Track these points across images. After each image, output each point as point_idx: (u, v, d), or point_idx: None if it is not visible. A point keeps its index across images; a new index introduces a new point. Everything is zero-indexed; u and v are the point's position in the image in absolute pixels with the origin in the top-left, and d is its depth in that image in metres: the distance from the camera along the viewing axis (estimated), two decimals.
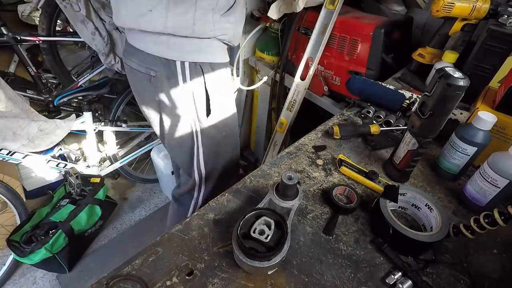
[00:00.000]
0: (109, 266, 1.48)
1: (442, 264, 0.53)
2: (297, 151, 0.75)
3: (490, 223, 0.49)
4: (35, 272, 1.51)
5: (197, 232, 0.56)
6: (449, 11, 0.89)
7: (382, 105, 0.88)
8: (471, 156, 0.63)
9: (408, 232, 0.51)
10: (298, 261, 0.52)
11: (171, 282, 0.48)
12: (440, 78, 0.52)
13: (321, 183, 0.67)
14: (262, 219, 0.48)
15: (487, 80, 0.81)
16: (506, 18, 0.79)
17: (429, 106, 0.55)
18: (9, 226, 1.48)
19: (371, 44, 1.03)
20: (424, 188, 0.68)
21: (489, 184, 0.57)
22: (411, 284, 0.48)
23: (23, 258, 1.34)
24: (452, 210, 0.63)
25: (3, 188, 1.36)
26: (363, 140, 0.80)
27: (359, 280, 0.50)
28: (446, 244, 0.56)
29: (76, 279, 1.49)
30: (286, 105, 1.31)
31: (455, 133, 0.65)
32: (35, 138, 1.16)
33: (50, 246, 1.37)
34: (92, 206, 1.55)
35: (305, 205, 0.62)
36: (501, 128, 0.66)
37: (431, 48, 1.02)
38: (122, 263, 0.50)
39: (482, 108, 0.67)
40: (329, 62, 1.19)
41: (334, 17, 1.06)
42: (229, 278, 0.49)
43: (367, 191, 0.66)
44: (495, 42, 0.79)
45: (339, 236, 0.56)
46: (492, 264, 0.54)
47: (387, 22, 1.03)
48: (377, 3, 1.22)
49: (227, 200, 0.62)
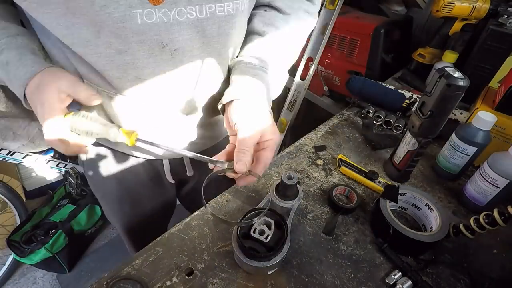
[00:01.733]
0: (109, 266, 1.48)
1: (442, 264, 0.53)
2: (297, 151, 0.75)
3: (490, 223, 0.49)
4: (35, 272, 1.51)
5: (197, 232, 0.56)
6: (449, 11, 0.89)
7: (382, 105, 0.88)
8: (471, 156, 0.63)
9: (408, 232, 0.51)
10: (298, 261, 0.52)
11: (171, 282, 0.48)
12: (440, 78, 0.52)
13: (321, 183, 0.67)
14: (262, 219, 0.48)
15: (487, 80, 0.81)
16: (506, 18, 0.79)
17: (429, 106, 0.55)
18: (9, 226, 1.48)
19: (371, 44, 1.03)
20: (424, 188, 0.68)
21: (489, 184, 0.57)
22: (411, 284, 0.48)
23: (23, 258, 1.34)
24: (452, 210, 0.63)
25: (3, 188, 1.36)
26: (363, 140, 0.80)
27: (359, 280, 0.50)
28: (446, 244, 0.56)
29: (76, 279, 1.50)
30: (286, 105, 1.31)
31: (455, 133, 0.65)
32: (35, 138, 1.16)
33: (50, 246, 1.38)
34: (92, 206, 1.56)
35: (305, 205, 0.62)
36: (501, 128, 0.66)
37: (431, 48, 1.02)
38: (122, 263, 0.50)
39: (482, 108, 0.67)
40: (329, 62, 1.19)
41: (334, 17, 1.06)
42: (229, 278, 0.49)
43: (367, 191, 0.66)
44: (495, 42, 0.79)
45: (339, 236, 0.56)
46: (492, 264, 0.54)
47: (387, 22, 1.03)
48: (377, 3, 1.22)
49: (227, 200, 0.62)
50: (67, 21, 0.39)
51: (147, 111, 0.53)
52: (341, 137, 0.81)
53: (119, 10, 0.38)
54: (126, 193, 0.71)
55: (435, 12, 0.92)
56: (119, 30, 0.40)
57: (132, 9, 0.39)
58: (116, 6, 0.38)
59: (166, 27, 0.42)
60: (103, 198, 0.75)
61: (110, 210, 0.78)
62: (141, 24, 0.40)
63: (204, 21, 0.44)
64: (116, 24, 0.39)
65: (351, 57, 1.11)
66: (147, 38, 0.42)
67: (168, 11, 0.41)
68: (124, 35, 0.41)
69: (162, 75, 0.47)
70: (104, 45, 0.42)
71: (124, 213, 0.76)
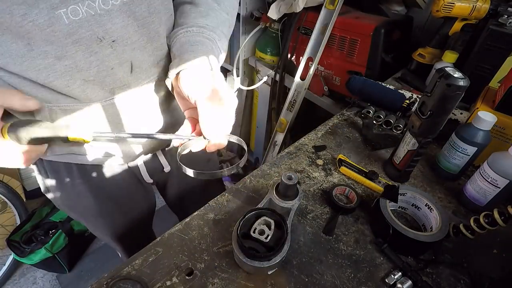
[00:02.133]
0: (109, 266, 1.49)
1: (442, 264, 0.53)
2: (297, 151, 0.75)
3: (490, 223, 0.49)
4: (35, 272, 1.51)
5: (197, 232, 0.56)
6: (449, 11, 0.89)
7: (382, 105, 0.87)
8: (471, 156, 0.63)
9: (408, 232, 0.51)
10: (298, 261, 0.52)
11: (171, 282, 0.48)
12: (440, 78, 0.52)
13: (321, 183, 0.67)
14: (262, 219, 0.48)
15: (487, 80, 0.81)
16: (506, 18, 0.79)
17: (429, 106, 0.55)
18: (9, 226, 1.48)
19: (371, 44, 1.03)
20: (424, 188, 0.68)
21: (489, 184, 0.57)
22: (411, 284, 0.48)
23: (23, 258, 1.34)
24: (452, 210, 0.63)
25: (3, 188, 1.36)
26: (363, 140, 0.80)
27: (359, 280, 0.50)
28: (446, 244, 0.56)
29: (76, 279, 1.50)
30: (286, 105, 1.31)
31: (455, 133, 0.65)
32: None
33: (50, 246, 1.38)
34: None
35: (305, 205, 0.62)
36: (501, 128, 0.66)
37: (431, 48, 1.02)
38: (122, 263, 0.50)
39: (482, 108, 0.67)
40: (329, 62, 1.19)
41: (334, 17, 1.06)
42: (229, 278, 0.49)
43: (367, 191, 0.66)
44: (495, 42, 0.79)
45: (339, 236, 0.56)
46: (492, 264, 0.54)
47: (387, 22, 1.03)
48: (377, 3, 1.22)
49: (227, 200, 0.62)
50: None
51: (106, 112, 0.50)
52: (341, 137, 0.81)
53: (42, 15, 0.36)
54: (106, 204, 0.68)
55: (435, 12, 0.92)
56: (49, 35, 0.38)
57: (55, 10, 0.37)
58: (37, 12, 0.36)
59: (95, 19, 0.40)
60: (82, 216, 0.71)
61: (93, 226, 0.75)
62: (69, 23, 0.38)
63: (130, 4, 0.43)
64: (44, 30, 0.37)
65: (351, 57, 1.11)
66: (80, 36, 0.40)
67: (91, 2, 0.39)
68: (57, 39, 0.39)
69: (109, 71, 0.46)
70: (40, 56, 0.39)
71: (109, 224, 0.73)
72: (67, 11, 0.38)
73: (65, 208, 0.69)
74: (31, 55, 0.39)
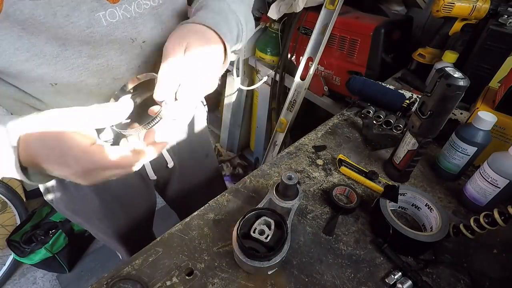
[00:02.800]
0: (109, 266, 1.49)
1: (442, 264, 0.53)
2: (297, 151, 0.75)
3: (490, 223, 0.49)
4: (35, 272, 1.51)
5: (197, 232, 0.56)
6: (449, 11, 0.89)
7: (382, 105, 0.87)
8: (471, 156, 0.63)
9: (408, 232, 0.51)
10: (298, 261, 0.52)
11: (171, 282, 0.48)
12: (440, 78, 0.52)
13: (321, 183, 0.67)
14: (262, 219, 0.48)
15: (487, 80, 0.81)
16: (506, 18, 0.79)
17: (429, 106, 0.55)
18: (9, 226, 1.48)
19: (371, 44, 1.03)
20: (424, 188, 0.68)
21: (489, 184, 0.57)
22: (411, 284, 0.48)
23: (23, 258, 1.34)
24: (452, 210, 0.63)
25: (3, 188, 1.36)
26: (363, 140, 0.80)
27: (359, 280, 0.50)
28: (446, 244, 0.56)
29: (76, 279, 1.50)
30: (286, 105, 1.31)
31: (455, 133, 0.65)
32: None
33: (50, 246, 1.38)
34: None
35: (305, 205, 0.62)
36: (501, 128, 0.66)
37: (431, 48, 1.02)
38: (122, 263, 0.50)
39: (482, 108, 0.67)
40: (329, 62, 1.19)
41: (334, 17, 1.06)
42: (229, 278, 0.49)
43: (367, 191, 0.66)
44: (495, 42, 0.79)
45: (339, 236, 0.56)
46: (492, 264, 0.54)
47: (387, 22, 1.03)
48: (377, 3, 1.22)
49: (227, 200, 0.62)
50: (27, 43, 0.37)
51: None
52: (341, 137, 0.81)
53: (82, 17, 0.38)
54: (111, 205, 0.68)
55: (435, 12, 0.92)
56: (87, 36, 0.40)
57: (95, 13, 0.39)
58: (78, 14, 0.37)
59: (130, 22, 0.43)
60: (86, 220, 0.71)
61: (96, 229, 0.75)
62: (107, 25, 0.41)
63: (158, 8, 0.46)
64: (83, 32, 0.39)
65: (351, 57, 1.11)
66: (116, 37, 0.42)
67: (128, 6, 0.42)
68: (93, 40, 0.41)
69: (136, 71, 0.48)
70: (74, 56, 0.41)
71: (113, 226, 0.73)
72: (105, 14, 0.40)
73: (68, 213, 0.69)
74: (65, 54, 0.40)
